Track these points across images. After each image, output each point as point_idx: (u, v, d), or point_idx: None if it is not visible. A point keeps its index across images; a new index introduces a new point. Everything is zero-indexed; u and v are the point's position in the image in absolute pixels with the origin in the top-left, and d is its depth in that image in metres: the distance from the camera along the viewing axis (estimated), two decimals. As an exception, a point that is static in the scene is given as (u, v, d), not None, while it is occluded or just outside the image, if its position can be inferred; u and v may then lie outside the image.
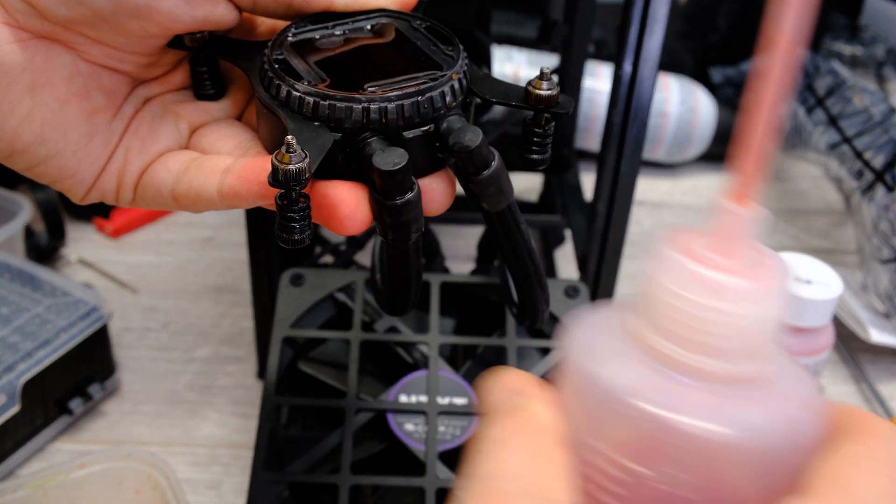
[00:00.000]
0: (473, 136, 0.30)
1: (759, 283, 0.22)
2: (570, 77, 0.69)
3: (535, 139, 0.32)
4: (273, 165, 0.27)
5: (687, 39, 0.99)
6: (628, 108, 0.48)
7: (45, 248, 0.70)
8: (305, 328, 0.50)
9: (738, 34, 0.98)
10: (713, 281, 0.21)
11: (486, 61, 0.59)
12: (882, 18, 1.00)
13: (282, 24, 0.35)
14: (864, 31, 1.00)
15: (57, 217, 0.70)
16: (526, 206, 0.74)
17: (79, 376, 0.56)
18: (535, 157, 0.32)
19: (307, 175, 0.27)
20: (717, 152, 0.90)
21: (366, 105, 0.29)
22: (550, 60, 0.85)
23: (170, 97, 0.35)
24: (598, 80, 0.84)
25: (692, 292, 0.22)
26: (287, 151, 0.27)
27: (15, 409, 0.52)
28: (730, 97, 0.93)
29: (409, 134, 0.30)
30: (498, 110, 0.72)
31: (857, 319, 0.65)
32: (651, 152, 0.87)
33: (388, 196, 0.29)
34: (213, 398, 0.59)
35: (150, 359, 0.62)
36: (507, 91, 0.32)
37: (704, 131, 0.86)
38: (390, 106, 0.29)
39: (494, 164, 0.31)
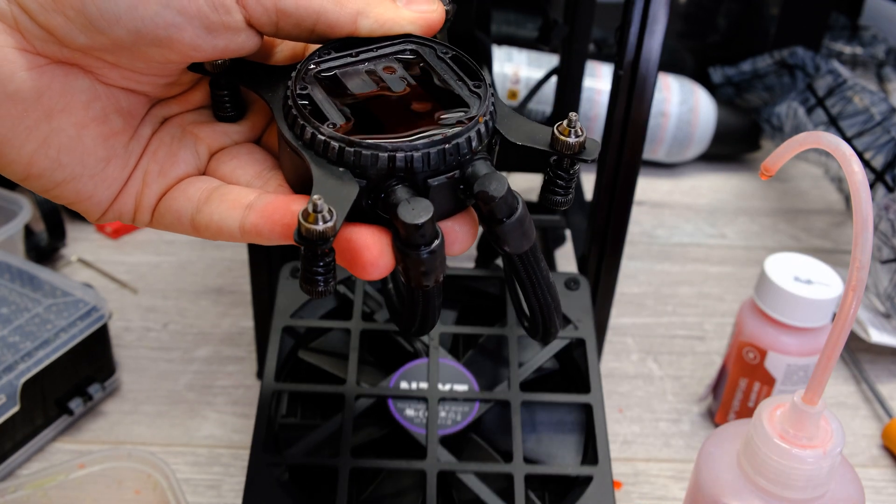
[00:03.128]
0: (499, 186, 0.29)
1: (819, 449, 0.35)
2: (570, 77, 0.69)
3: (560, 182, 0.32)
4: (299, 224, 0.27)
5: (687, 39, 0.99)
6: (628, 108, 0.48)
7: (45, 248, 0.70)
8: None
9: (738, 34, 0.98)
10: (791, 452, 0.36)
11: (486, 61, 0.59)
12: (882, 18, 1.00)
13: (301, 45, 0.35)
14: (864, 31, 1.00)
15: (57, 217, 0.70)
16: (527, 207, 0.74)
17: (79, 376, 0.56)
18: (558, 198, 0.32)
19: (333, 234, 0.27)
20: (717, 152, 0.90)
21: (391, 153, 0.29)
22: (550, 60, 0.85)
23: (188, 117, 0.34)
24: (598, 80, 0.84)
25: (779, 456, 0.36)
26: (313, 211, 0.27)
27: (15, 409, 0.52)
28: (730, 97, 0.93)
29: (434, 181, 0.30)
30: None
31: (857, 319, 0.65)
32: (651, 152, 0.87)
33: (413, 247, 0.29)
34: (213, 398, 0.59)
35: (150, 359, 0.62)
36: (533, 133, 0.32)
37: (704, 131, 0.86)
38: (416, 154, 0.29)
39: (519, 210, 0.30)
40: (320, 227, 0.27)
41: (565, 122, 0.31)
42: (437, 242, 0.29)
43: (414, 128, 0.30)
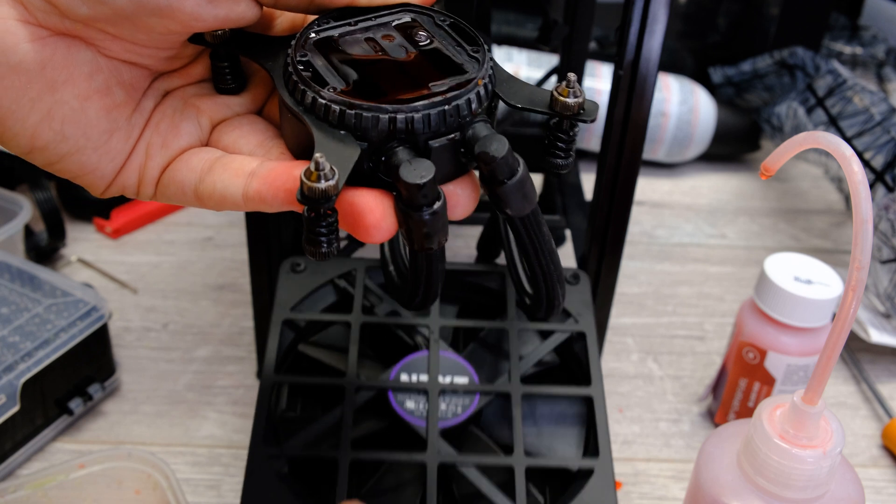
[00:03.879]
0: (500, 146, 0.29)
1: (819, 449, 0.36)
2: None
3: (560, 144, 0.32)
4: (301, 183, 0.27)
5: (687, 39, 0.99)
6: (628, 108, 0.48)
7: (45, 248, 0.70)
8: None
9: (738, 34, 0.98)
10: (791, 452, 0.36)
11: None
12: (882, 18, 1.00)
13: (301, 16, 0.35)
14: (864, 31, 1.00)
15: (57, 217, 0.70)
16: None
17: (79, 376, 0.56)
18: (559, 161, 0.32)
19: (336, 193, 0.27)
20: (717, 152, 0.90)
21: (392, 115, 0.29)
22: (550, 60, 0.85)
23: (190, 90, 0.34)
24: (598, 80, 0.84)
25: (779, 456, 0.36)
26: (315, 170, 0.27)
27: (15, 409, 0.52)
28: (730, 97, 0.93)
29: (435, 143, 0.30)
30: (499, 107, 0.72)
31: (857, 319, 0.65)
32: (651, 152, 0.87)
33: (415, 207, 0.29)
34: (213, 398, 0.59)
35: (150, 359, 0.62)
36: (532, 96, 0.32)
37: (704, 131, 0.86)
38: (416, 116, 0.29)
39: (520, 171, 0.31)
40: (322, 185, 0.27)
41: (564, 83, 0.31)
42: (439, 203, 0.29)
43: (414, 92, 0.30)
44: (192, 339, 0.64)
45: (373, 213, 0.29)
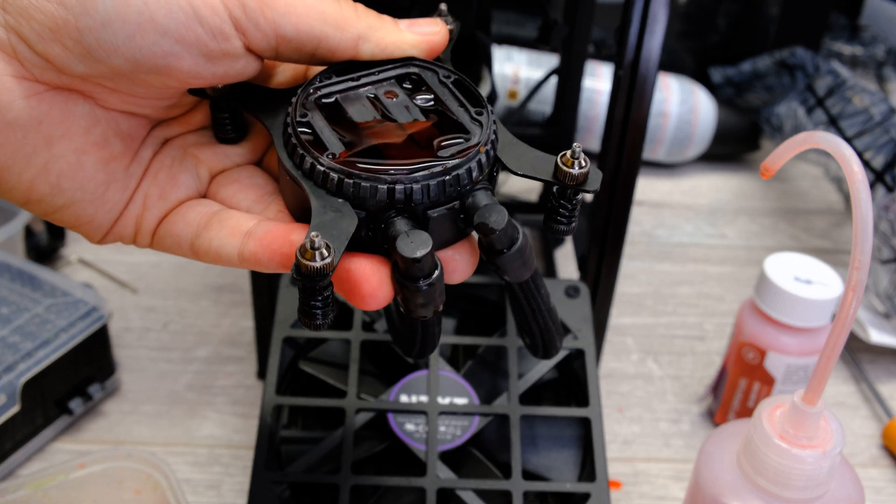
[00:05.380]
0: (499, 218, 0.29)
1: (819, 449, 0.36)
2: (570, 77, 0.69)
3: (563, 211, 0.32)
4: (296, 260, 0.27)
5: (687, 39, 0.99)
6: (628, 108, 0.48)
7: (45, 248, 0.70)
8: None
9: (738, 34, 0.98)
10: (790, 452, 0.36)
11: (486, 61, 0.59)
12: (882, 18, 1.00)
13: (303, 67, 0.34)
14: (864, 31, 1.00)
15: (57, 217, 0.70)
16: (526, 206, 0.74)
17: (79, 376, 0.56)
18: (561, 227, 0.32)
19: (330, 270, 0.27)
20: (717, 152, 0.90)
21: (391, 185, 0.29)
22: (550, 60, 0.85)
23: (189, 138, 0.34)
24: (598, 80, 0.84)
25: (778, 456, 0.36)
26: (311, 248, 0.27)
27: (15, 409, 0.52)
28: (730, 97, 0.93)
29: (433, 213, 0.29)
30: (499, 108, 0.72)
31: (857, 319, 0.65)
32: (651, 152, 0.87)
33: (412, 280, 0.29)
34: (213, 398, 0.59)
35: (150, 359, 0.62)
36: (535, 163, 0.31)
37: (704, 131, 0.86)
38: (416, 186, 0.29)
39: (519, 241, 0.30)
40: (318, 263, 0.27)
41: (569, 153, 0.30)
42: (435, 274, 0.29)
43: (414, 156, 0.29)
44: (192, 339, 0.64)
45: (369, 283, 0.29)
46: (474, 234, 0.32)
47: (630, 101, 0.47)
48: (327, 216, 0.29)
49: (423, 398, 0.48)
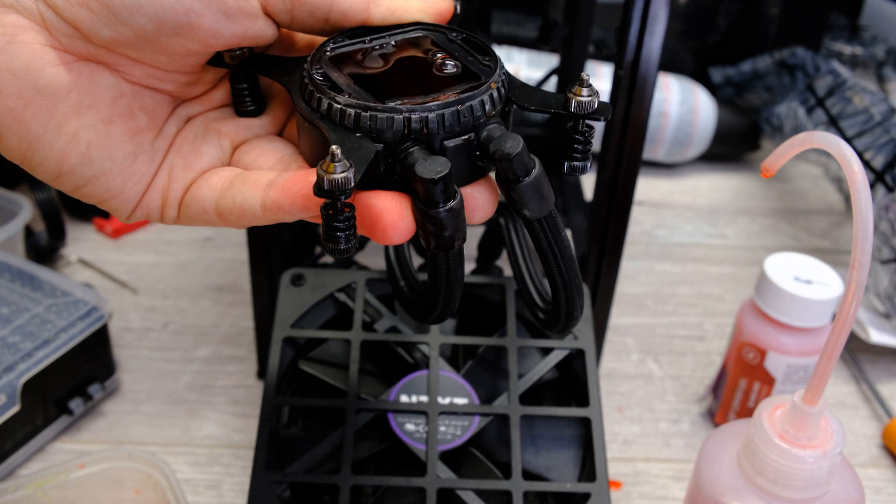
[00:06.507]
0: (514, 144, 0.30)
1: (819, 449, 0.36)
2: (570, 77, 0.69)
3: (577, 146, 0.32)
4: (318, 175, 0.27)
5: (687, 39, 0.99)
6: (628, 108, 0.48)
7: (45, 248, 0.70)
8: (306, 328, 0.51)
9: (738, 34, 0.98)
10: (790, 452, 0.36)
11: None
12: (882, 18, 1.00)
13: (319, 40, 0.35)
14: (864, 31, 1.00)
15: (57, 217, 0.70)
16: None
17: (79, 376, 0.56)
18: (577, 163, 0.33)
19: (352, 184, 0.27)
20: (717, 152, 0.90)
21: (407, 115, 0.29)
22: (550, 60, 0.85)
23: (211, 115, 0.35)
24: (598, 81, 0.84)
25: (779, 456, 0.36)
26: (332, 161, 0.27)
27: (15, 409, 0.52)
28: (730, 97, 0.93)
29: (450, 143, 0.30)
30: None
31: (857, 319, 0.65)
32: (651, 152, 0.87)
33: (432, 205, 0.29)
34: (213, 398, 0.59)
35: (150, 359, 0.62)
36: (546, 99, 0.32)
37: (704, 131, 0.86)
38: (431, 116, 0.29)
39: (535, 170, 0.31)
40: (339, 175, 0.27)
41: (577, 82, 0.31)
42: (456, 200, 0.29)
43: (428, 97, 0.30)
44: (192, 339, 0.64)
45: (390, 214, 0.29)
46: (492, 176, 0.32)
47: (630, 101, 0.47)
48: (346, 146, 0.29)
49: (424, 398, 0.48)
